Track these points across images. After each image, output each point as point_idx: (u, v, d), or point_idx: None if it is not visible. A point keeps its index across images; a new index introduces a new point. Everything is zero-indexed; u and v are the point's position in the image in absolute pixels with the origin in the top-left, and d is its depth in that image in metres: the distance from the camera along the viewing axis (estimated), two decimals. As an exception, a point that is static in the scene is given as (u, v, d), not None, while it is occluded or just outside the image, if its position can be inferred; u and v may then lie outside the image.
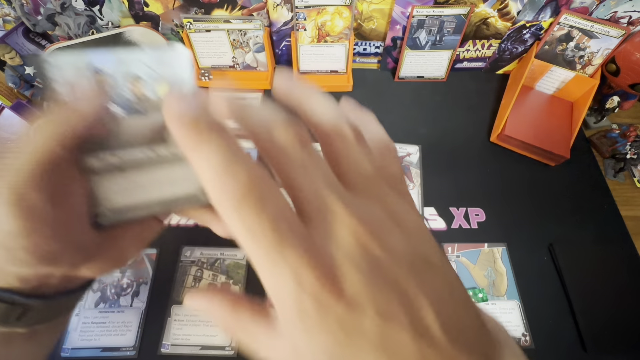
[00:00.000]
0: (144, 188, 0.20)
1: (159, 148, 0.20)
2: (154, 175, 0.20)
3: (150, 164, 0.20)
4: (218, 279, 0.47)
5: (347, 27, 0.59)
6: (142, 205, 0.21)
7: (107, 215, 0.20)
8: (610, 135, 0.60)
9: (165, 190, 0.21)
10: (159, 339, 0.43)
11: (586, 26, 0.54)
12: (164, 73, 0.19)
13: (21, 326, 0.22)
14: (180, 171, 0.21)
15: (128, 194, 0.20)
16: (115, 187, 0.20)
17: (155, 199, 0.21)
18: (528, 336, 0.44)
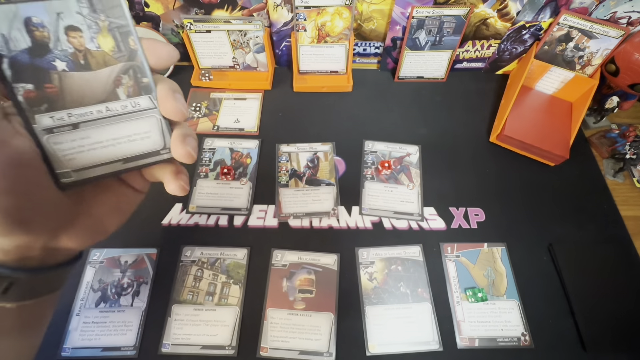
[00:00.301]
0: (104, 145, 0.21)
1: (113, 104, 0.20)
2: (111, 132, 0.21)
3: (106, 121, 0.20)
4: (218, 278, 0.47)
5: (347, 27, 0.59)
6: (104, 162, 0.21)
7: (70, 175, 0.21)
8: (610, 136, 0.60)
9: (126, 147, 0.21)
10: (159, 338, 0.43)
11: (585, 26, 0.54)
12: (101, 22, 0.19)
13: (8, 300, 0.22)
14: (138, 127, 0.21)
15: (87, 152, 0.21)
16: (74, 146, 0.20)
17: (117, 155, 0.21)
18: (527, 336, 0.44)
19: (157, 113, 0.21)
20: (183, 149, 0.22)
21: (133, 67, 0.20)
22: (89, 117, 0.20)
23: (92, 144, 0.21)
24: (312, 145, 0.59)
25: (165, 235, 0.50)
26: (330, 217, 0.52)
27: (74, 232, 0.23)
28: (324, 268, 0.48)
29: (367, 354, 0.43)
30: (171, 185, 0.24)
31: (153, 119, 0.21)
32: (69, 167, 0.20)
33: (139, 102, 0.21)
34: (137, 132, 0.21)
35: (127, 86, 0.20)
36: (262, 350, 0.43)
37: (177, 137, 0.22)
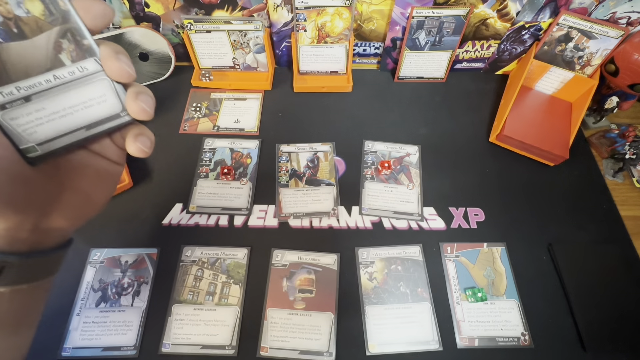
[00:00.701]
0: (63, 115, 0.21)
1: (60, 72, 0.20)
2: (65, 100, 0.21)
3: (58, 90, 0.20)
4: (218, 278, 0.47)
5: (347, 28, 0.59)
6: (67, 131, 0.21)
7: (35, 149, 0.20)
8: (609, 136, 0.60)
9: (84, 113, 0.21)
10: (159, 338, 0.43)
11: (585, 27, 0.55)
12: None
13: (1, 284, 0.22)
14: (91, 92, 0.21)
15: (47, 124, 0.20)
16: (32, 120, 0.20)
17: (78, 123, 0.21)
18: (527, 335, 0.44)
19: (105, 75, 0.21)
20: (136, 105, 0.22)
21: (70, 29, 0.20)
22: (38, 87, 0.20)
23: (49, 115, 0.20)
24: (312, 145, 0.59)
25: (166, 235, 0.50)
26: (330, 217, 0.52)
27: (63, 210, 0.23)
28: (324, 268, 0.48)
29: (367, 354, 0.43)
30: (130, 147, 0.23)
31: (104, 82, 0.21)
32: (32, 141, 0.20)
33: (85, 67, 0.20)
34: (91, 97, 0.21)
35: (69, 51, 0.20)
36: (262, 350, 0.43)
37: (130, 95, 0.22)
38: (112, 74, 0.21)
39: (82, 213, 0.24)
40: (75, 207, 0.23)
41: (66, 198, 0.23)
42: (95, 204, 0.25)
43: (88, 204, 0.24)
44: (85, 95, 0.21)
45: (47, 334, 0.43)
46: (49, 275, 0.25)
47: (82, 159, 0.23)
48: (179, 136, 0.60)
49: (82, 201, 0.24)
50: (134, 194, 0.53)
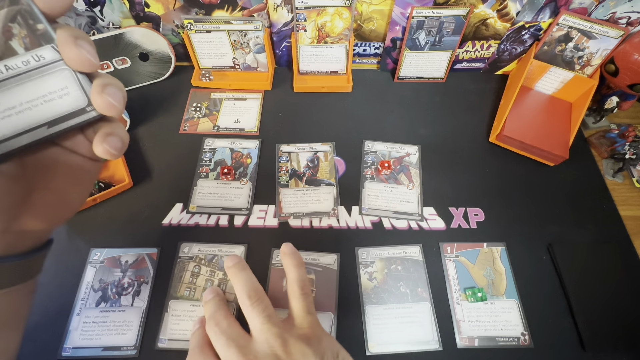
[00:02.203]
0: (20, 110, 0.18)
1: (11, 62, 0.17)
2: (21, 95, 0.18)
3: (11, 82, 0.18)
4: (215, 275, 0.47)
5: (347, 28, 0.59)
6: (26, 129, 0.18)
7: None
8: (609, 136, 0.60)
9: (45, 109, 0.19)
10: (157, 334, 0.43)
11: (585, 27, 0.55)
12: None
13: None
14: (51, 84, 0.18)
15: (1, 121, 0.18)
16: None
17: (38, 120, 0.19)
18: (527, 335, 0.44)
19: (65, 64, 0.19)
20: (102, 99, 0.19)
21: (20, 12, 0.17)
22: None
23: (3, 111, 0.18)
24: (312, 145, 0.59)
25: (166, 235, 0.50)
26: (330, 217, 0.52)
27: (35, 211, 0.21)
28: (324, 268, 0.48)
29: (367, 354, 0.43)
30: (97, 148, 0.21)
31: (65, 72, 0.19)
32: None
33: (42, 55, 0.18)
34: (51, 90, 0.19)
35: (21, 37, 0.17)
36: None
37: (95, 87, 0.19)
38: (72, 62, 0.18)
39: (57, 213, 0.22)
40: (48, 207, 0.22)
41: (37, 198, 0.21)
42: (71, 203, 0.23)
43: (63, 204, 0.23)
44: (44, 88, 0.18)
45: (47, 334, 0.43)
46: (29, 278, 0.23)
47: (53, 156, 0.21)
48: (179, 136, 0.60)
49: (56, 201, 0.22)
50: (134, 194, 0.54)
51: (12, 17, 0.17)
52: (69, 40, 0.18)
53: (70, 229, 0.50)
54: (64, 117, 0.19)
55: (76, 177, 0.23)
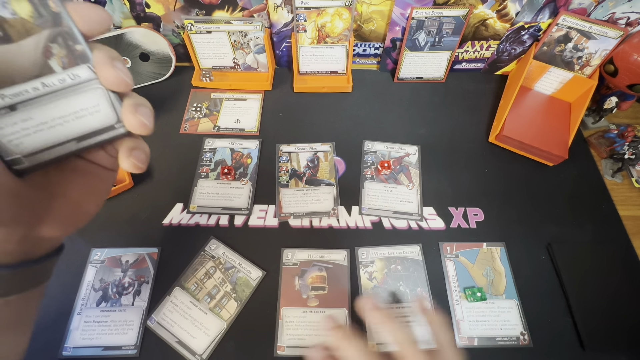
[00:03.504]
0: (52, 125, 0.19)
1: (49, 79, 0.18)
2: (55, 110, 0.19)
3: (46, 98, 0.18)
4: (224, 285, 0.47)
5: (347, 28, 0.59)
6: (56, 143, 0.19)
7: (22, 161, 0.19)
8: (608, 136, 0.60)
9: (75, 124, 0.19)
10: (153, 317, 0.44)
11: (584, 27, 0.55)
12: None
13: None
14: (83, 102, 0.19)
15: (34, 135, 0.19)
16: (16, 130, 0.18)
17: (68, 135, 0.19)
18: (526, 335, 0.44)
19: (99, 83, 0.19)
20: (135, 119, 0.20)
21: (61, 33, 0.18)
22: (25, 96, 0.18)
23: (36, 125, 0.18)
24: (312, 146, 0.59)
25: (166, 234, 0.51)
26: (330, 216, 0.52)
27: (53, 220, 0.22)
28: (335, 264, 0.48)
29: (367, 353, 0.43)
30: (124, 163, 0.21)
31: (98, 91, 0.19)
32: (19, 152, 0.19)
33: (77, 74, 0.19)
34: (83, 107, 0.19)
35: (60, 56, 0.18)
36: (279, 349, 0.43)
37: (127, 107, 0.20)
38: (107, 82, 0.19)
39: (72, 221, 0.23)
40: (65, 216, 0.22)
41: (56, 207, 0.22)
42: (87, 212, 0.24)
43: (79, 212, 0.23)
44: (77, 105, 0.19)
45: (48, 334, 0.44)
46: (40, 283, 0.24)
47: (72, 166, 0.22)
48: (180, 136, 0.60)
49: (72, 210, 0.23)
50: (135, 194, 0.54)
51: (53, 38, 0.18)
52: (105, 61, 0.19)
53: (71, 228, 0.51)
54: (93, 133, 0.20)
55: (93, 187, 0.24)
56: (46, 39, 0.18)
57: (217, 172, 0.56)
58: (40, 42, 0.18)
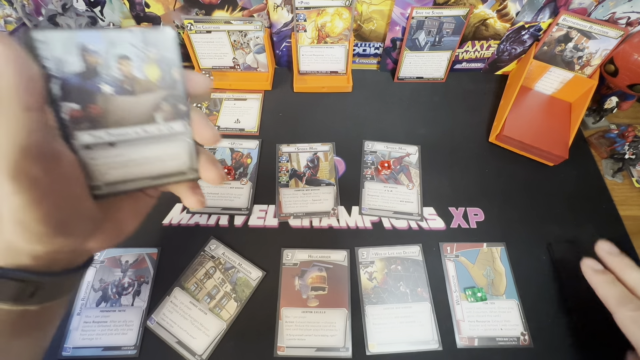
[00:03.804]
0: (137, 163, 0.22)
1: (149, 127, 0.21)
2: (144, 151, 0.22)
3: (141, 142, 0.22)
4: (224, 286, 0.47)
5: (347, 28, 0.59)
6: (134, 178, 0.22)
7: (102, 188, 0.22)
8: (609, 136, 0.60)
9: (156, 166, 0.23)
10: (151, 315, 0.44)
11: (585, 27, 0.55)
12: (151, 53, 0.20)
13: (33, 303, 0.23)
14: (169, 149, 0.23)
15: (120, 169, 0.22)
16: (108, 162, 0.21)
17: (146, 173, 0.23)
18: (527, 335, 0.44)
19: (188, 137, 0.23)
20: (217, 171, 0.24)
21: (173, 95, 0.21)
22: (126, 137, 0.21)
23: (125, 161, 0.22)
24: (312, 146, 0.59)
25: (166, 235, 0.50)
26: (330, 217, 0.52)
27: (99, 236, 0.24)
28: (335, 264, 0.48)
29: (367, 354, 0.43)
30: (190, 200, 0.26)
31: (184, 143, 0.23)
32: (102, 180, 0.22)
33: (173, 127, 0.22)
34: (167, 153, 0.23)
35: (165, 111, 0.22)
36: (279, 349, 0.43)
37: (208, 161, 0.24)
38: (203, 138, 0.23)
39: (113, 238, 0.25)
40: (110, 234, 0.25)
41: (106, 225, 0.24)
42: (126, 231, 0.26)
43: (120, 232, 0.26)
44: (163, 151, 0.22)
45: (48, 334, 0.43)
46: (72, 290, 0.27)
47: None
48: (179, 136, 0.60)
49: (116, 228, 0.25)
50: (134, 194, 0.54)
51: (165, 97, 0.21)
52: (202, 121, 0.23)
53: (70, 229, 0.51)
54: (167, 174, 0.23)
55: (136, 210, 0.27)
56: (160, 97, 0.21)
57: (217, 172, 0.56)
58: (155, 99, 0.21)
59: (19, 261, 0.22)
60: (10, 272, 0.22)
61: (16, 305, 0.23)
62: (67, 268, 0.25)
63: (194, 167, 0.24)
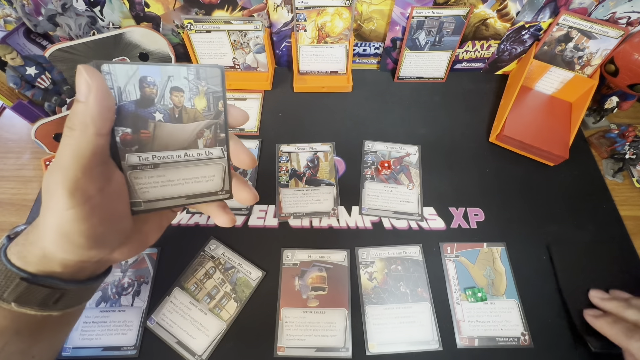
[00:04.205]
0: (175, 184, 0.24)
1: (191, 151, 0.24)
2: (183, 173, 0.24)
3: (182, 164, 0.24)
4: (224, 286, 0.47)
5: (347, 28, 0.59)
6: (170, 197, 0.24)
7: (141, 205, 0.24)
8: (609, 136, 0.60)
9: (192, 187, 0.25)
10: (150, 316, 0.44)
11: (585, 27, 0.55)
12: (201, 86, 0.23)
13: (56, 309, 0.25)
14: (206, 171, 0.25)
15: (160, 188, 0.24)
16: (150, 182, 0.23)
17: (183, 193, 0.25)
18: (527, 335, 0.44)
19: (224, 162, 0.25)
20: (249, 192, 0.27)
21: (216, 124, 0.24)
22: (169, 160, 0.23)
23: (165, 181, 0.24)
24: (312, 145, 0.59)
25: (166, 234, 0.50)
26: (330, 217, 0.52)
27: (126, 248, 0.26)
28: (335, 265, 0.48)
29: (367, 354, 0.43)
30: (221, 219, 0.28)
31: (220, 166, 0.25)
32: (142, 198, 0.24)
33: (212, 152, 0.24)
34: (204, 175, 0.25)
35: (207, 138, 0.24)
36: (278, 349, 0.43)
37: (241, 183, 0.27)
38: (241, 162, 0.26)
39: (136, 250, 0.27)
40: (135, 245, 0.26)
41: (132, 237, 0.26)
42: (148, 244, 0.28)
43: (143, 244, 0.28)
44: (200, 173, 0.25)
45: (47, 334, 0.43)
46: (90, 297, 0.28)
47: None
48: (179, 136, 0.60)
49: (142, 241, 0.27)
50: (134, 194, 0.53)
51: (208, 126, 0.24)
52: (240, 148, 0.25)
53: (70, 229, 0.50)
54: (201, 194, 0.25)
55: (160, 224, 0.29)
56: (204, 126, 0.24)
57: (216, 172, 0.56)
58: (199, 127, 0.24)
59: (50, 268, 0.23)
60: (41, 279, 0.23)
61: (41, 311, 0.24)
62: (91, 276, 0.26)
63: (226, 188, 0.26)
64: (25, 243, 0.24)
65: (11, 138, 0.61)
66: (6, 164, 0.58)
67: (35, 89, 0.51)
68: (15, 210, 0.53)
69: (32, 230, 0.24)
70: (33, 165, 0.58)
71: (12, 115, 0.61)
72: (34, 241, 0.23)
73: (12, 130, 0.62)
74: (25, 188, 0.55)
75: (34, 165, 0.58)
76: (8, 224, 0.52)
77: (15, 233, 0.26)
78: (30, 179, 0.56)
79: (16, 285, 0.23)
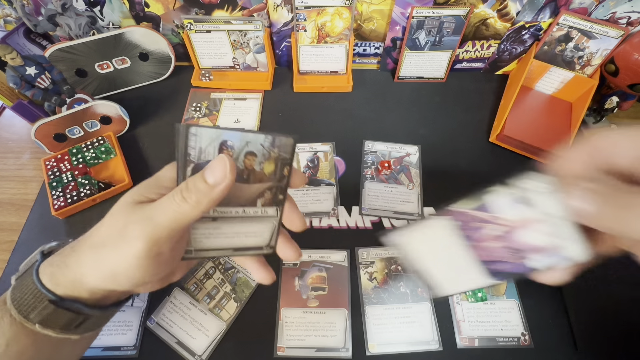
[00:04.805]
0: (226, 236, 0.25)
1: (249, 209, 0.24)
2: (237, 227, 0.25)
3: (238, 219, 0.25)
4: (224, 286, 0.46)
5: (347, 27, 0.59)
6: (219, 248, 0.25)
7: (192, 253, 0.25)
8: (609, 136, 0.60)
9: (241, 240, 0.26)
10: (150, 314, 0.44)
11: (585, 27, 0.55)
12: (273, 153, 0.24)
13: (77, 333, 0.25)
14: (257, 227, 0.25)
15: (213, 239, 0.25)
16: (205, 232, 0.24)
17: (231, 245, 0.25)
18: (527, 335, 0.44)
19: (276, 220, 0.26)
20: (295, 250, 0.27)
21: (277, 187, 0.25)
22: (227, 214, 0.24)
23: (219, 233, 0.25)
24: (312, 145, 0.59)
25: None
26: (330, 217, 0.52)
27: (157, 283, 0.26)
28: (335, 265, 0.48)
29: (367, 354, 0.43)
30: (260, 274, 0.28)
31: (271, 224, 0.26)
32: (194, 246, 0.25)
33: (268, 211, 0.25)
34: (254, 230, 0.25)
35: (266, 198, 0.25)
36: (279, 349, 0.43)
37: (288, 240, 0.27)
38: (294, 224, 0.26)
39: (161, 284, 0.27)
40: (163, 279, 0.26)
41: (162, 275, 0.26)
42: (173, 280, 0.28)
43: (169, 280, 0.28)
44: (251, 228, 0.25)
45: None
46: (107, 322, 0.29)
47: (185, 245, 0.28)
48: (179, 136, 0.60)
49: (168, 277, 0.27)
50: (134, 194, 0.53)
51: (270, 187, 0.25)
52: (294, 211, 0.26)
53: (70, 228, 0.50)
54: (247, 248, 0.26)
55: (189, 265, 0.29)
56: (266, 187, 0.24)
57: (216, 172, 0.56)
58: (262, 188, 0.24)
59: (77, 293, 0.24)
60: (68, 303, 0.24)
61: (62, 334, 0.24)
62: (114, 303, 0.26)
63: (272, 244, 0.27)
64: (61, 265, 0.24)
65: (11, 138, 0.61)
66: (6, 164, 0.58)
67: (35, 89, 0.51)
68: (15, 210, 0.53)
69: (72, 253, 0.24)
70: (33, 165, 0.58)
71: (12, 115, 0.61)
72: (71, 265, 0.24)
73: (12, 130, 0.62)
74: (25, 188, 0.55)
75: (34, 165, 0.58)
76: (8, 224, 0.52)
77: (49, 249, 0.26)
78: (30, 179, 0.56)
79: (44, 307, 0.23)
